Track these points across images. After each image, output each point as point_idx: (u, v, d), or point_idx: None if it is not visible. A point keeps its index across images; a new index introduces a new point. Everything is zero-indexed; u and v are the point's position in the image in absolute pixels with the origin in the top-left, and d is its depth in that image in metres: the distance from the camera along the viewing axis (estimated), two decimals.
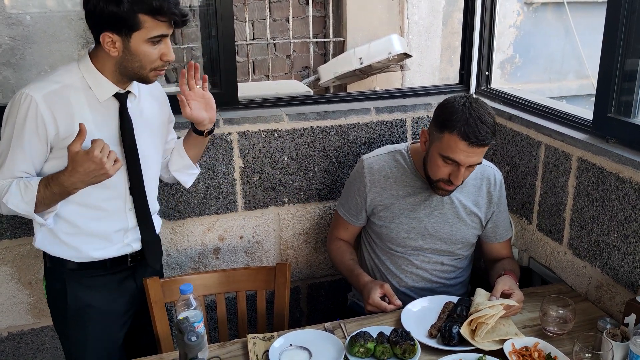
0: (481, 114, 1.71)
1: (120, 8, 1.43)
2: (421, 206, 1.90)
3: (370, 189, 1.93)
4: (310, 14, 4.91)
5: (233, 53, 2.20)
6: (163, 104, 1.81)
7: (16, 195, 1.52)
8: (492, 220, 1.96)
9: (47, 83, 1.53)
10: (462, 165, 1.72)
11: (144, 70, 1.54)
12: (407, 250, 1.95)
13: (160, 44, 1.53)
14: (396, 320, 1.75)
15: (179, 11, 1.51)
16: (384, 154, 1.96)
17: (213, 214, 2.25)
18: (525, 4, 5.20)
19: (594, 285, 1.85)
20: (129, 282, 1.78)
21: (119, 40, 1.49)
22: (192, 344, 1.35)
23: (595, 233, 1.82)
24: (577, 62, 5.47)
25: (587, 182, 1.83)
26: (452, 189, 1.82)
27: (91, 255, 1.68)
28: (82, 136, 1.44)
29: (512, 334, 1.63)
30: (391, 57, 4.43)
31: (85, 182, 1.49)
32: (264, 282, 1.94)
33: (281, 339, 1.62)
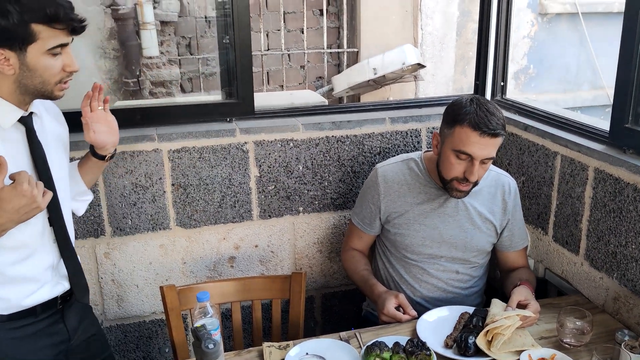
0: (489, 107, 1.75)
1: (8, 20, 1.29)
2: (435, 213, 1.91)
3: (384, 196, 1.94)
4: (325, 24, 4.95)
5: (250, 63, 2.23)
6: (59, 118, 1.65)
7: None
8: (508, 229, 1.96)
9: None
10: (476, 158, 1.73)
11: (48, 85, 1.40)
12: (422, 259, 1.95)
13: (61, 55, 1.39)
14: (412, 330, 1.75)
15: (76, 17, 1.38)
16: (397, 162, 1.98)
17: (229, 222, 2.27)
18: (539, 15, 5.20)
19: (612, 297, 1.84)
20: (59, 325, 1.60)
21: (13, 56, 1.34)
22: (209, 352, 1.35)
23: (613, 244, 1.81)
24: (591, 73, 5.45)
25: (604, 193, 1.82)
26: (467, 189, 1.82)
27: (21, 303, 1.50)
28: (4, 171, 1.29)
29: (529, 345, 1.62)
30: (405, 67, 4.45)
31: (15, 221, 1.33)
32: (279, 290, 1.95)
33: (297, 347, 1.63)
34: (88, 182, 1.75)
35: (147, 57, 4.34)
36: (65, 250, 1.55)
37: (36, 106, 1.50)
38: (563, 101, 5.30)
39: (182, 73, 4.67)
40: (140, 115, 2.19)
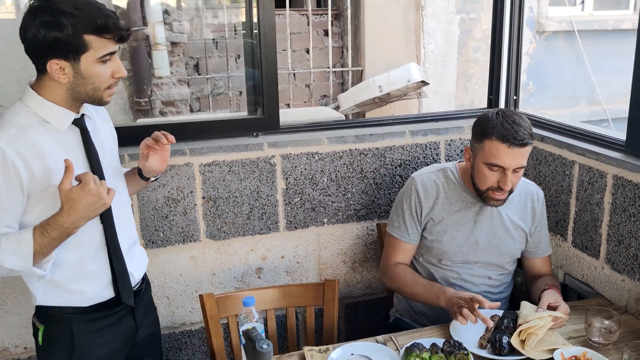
0: (515, 119, 1.83)
1: (63, 32, 1.37)
2: (472, 220, 1.98)
3: (424, 203, 2.00)
4: (330, 44, 5.07)
5: (275, 80, 2.31)
6: (109, 121, 1.75)
7: (10, 252, 1.42)
8: (535, 236, 2.04)
9: (3, 130, 1.42)
10: (507, 169, 1.82)
11: (99, 91, 1.49)
12: (457, 264, 2.02)
13: (110, 62, 1.48)
14: (443, 333, 1.81)
15: (123, 26, 1.47)
16: (433, 171, 2.05)
17: (256, 234, 2.33)
18: (537, 33, 5.37)
19: (634, 298, 1.91)
20: (129, 318, 1.71)
21: (67, 66, 1.42)
22: (264, 352, 1.41)
23: (634, 247, 1.89)
24: (588, 89, 5.61)
25: (623, 199, 1.91)
26: (503, 197, 1.89)
27: (96, 297, 1.62)
28: (71, 172, 1.38)
29: (560, 344, 1.69)
30: (410, 84, 4.56)
31: (85, 218, 1.43)
32: (312, 298, 2.01)
33: (339, 349, 1.69)
34: (129, 192, 1.82)
35: (158, 77, 4.42)
36: (114, 253, 1.62)
37: (86, 108, 1.59)
38: (562, 117, 5.43)
39: (191, 93, 4.76)
40: (171, 130, 2.25)
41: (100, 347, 1.64)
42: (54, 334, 1.61)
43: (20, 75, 4.18)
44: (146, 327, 1.78)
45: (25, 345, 2.20)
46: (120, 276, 1.64)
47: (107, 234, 1.60)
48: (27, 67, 4.25)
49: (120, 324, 1.68)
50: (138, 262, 1.75)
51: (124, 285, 1.65)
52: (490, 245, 1.99)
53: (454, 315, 1.77)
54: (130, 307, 1.69)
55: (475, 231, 1.98)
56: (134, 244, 1.75)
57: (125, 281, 1.65)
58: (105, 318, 1.64)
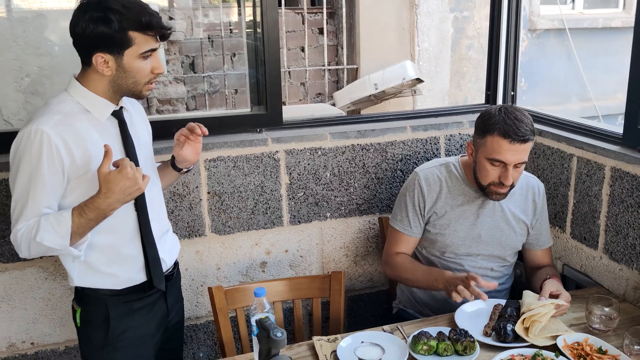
0: (517, 115, 1.88)
1: (110, 27, 1.47)
2: (474, 214, 2.03)
3: (428, 198, 2.05)
4: (325, 43, 5.11)
5: (279, 77, 2.34)
6: (144, 117, 1.84)
7: (49, 231, 1.49)
8: (536, 228, 2.09)
9: (49, 116, 1.52)
10: (509, 164, 1.86)
11: (139, 85, 1.58)
12: (460, 256, 2.06)
13: (150, 58, 1.57)
14: (449, 322, 1.86)
15: (165, 25, 1.57)
16: (436, 166, 2.10)
17: (261, 228, 2.36)
18: (529, 31, 5.44)
19: (632, 287, 1.97)
20: (161, 302, 1.79)
21: (111, 59, 1.52)
22: (278, 339, 1.43)
23: (632, 237, 1.95)
24: (579, 86, 5.69)
25: (621, 190, 1.97)
26: (505, 191, 1.94)
27: (129, 280, 1.70)
28: (110, 157, 1.46)
29: (563, 331, 1.74)
30: (405, 82, 4.61)
31: (121, 201, 1.50)
32: (319, 290, 2.05)
33: (348, 338, 1.72)
34: (162, 185, 1.90)
35: None
36: (146, 239, 1.70)
37: (124, 102, 1.68)
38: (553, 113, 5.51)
39: (187, 91, 4.77)
40: (176, 127, 2.27)
41: (134, 328, 1.72)
42: (90, 315, 1.71)
43: (17, 74, 4.18)
44: (175, 313, 1.87)
45: (32, 340, 2.21)
46: (153, 261, 1.71)
47: (140, 221, 1.68)
48: (23, 66, 4.23)
49: (153, 308, 1.77)
50: (170, 249, 1.82)
51: (156, 270, 1.73)
52: (492, 238, 2.03)
53: (450, 293, 1.80)
54: (162, 292, 1.77)
55: (478, 224, 2.03)
56: (167, 231, 1.83)
57: (157, 266, 1.73)
58: (138, 300, 1.73)
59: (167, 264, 1.78)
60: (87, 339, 1.74)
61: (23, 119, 4.26)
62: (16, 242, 1.54)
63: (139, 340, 1.75)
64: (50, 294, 2.18)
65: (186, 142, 1.77)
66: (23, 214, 1.52)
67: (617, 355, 1.63)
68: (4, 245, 2.07)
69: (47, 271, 2.15)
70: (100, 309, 1.69)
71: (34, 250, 1.54)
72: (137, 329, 1.73)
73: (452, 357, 1.65)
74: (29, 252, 1.54)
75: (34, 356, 2.22)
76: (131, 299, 1.72)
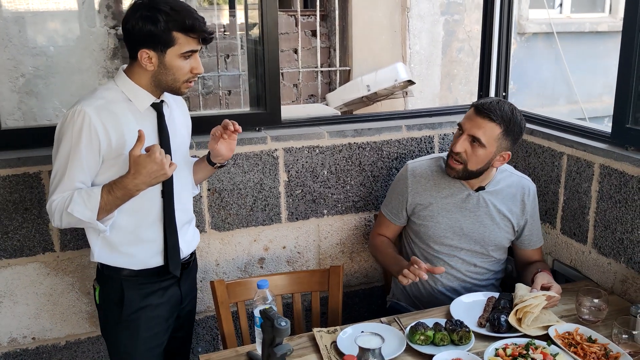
0: (505, 102, 2.01)
1: (157, 27, 1.59)
2: (458, 207, 2.10)
3: (412, 189, 2.13)
4: (318, 45, 5.17)
5: (278, 77, 2.40)
6: (186, 115, 1.95)
7: (80, 204, 1.61)
8: (528, 229, 2.15)
9: (93, 100, 1.65)
10: (464, 131, 1.97)
11: (177, 82, 1.69)
12: (443, 250, 2.13)
13: (190, 59, 1.67)
14: (445, 314, 1.92)
15: (208, 29, 1.67)
16: (427, 159, 2.18)
17: (259, 225, 2.41)
18: (518, 34, 5.54)
19: (620, 280, 2.04)
20: (175, 288, 1.88)
21: (155, 56, 1.64)
22: (282, 328, 1.48)
23: (619, 231, 2.02)
24: (566, 88, 5.80)
25: (609, 186, 2.04)
26: (455, 167, 2.01)
27: (146, 262, 1.80)
28: (142, 141, 1.57)
29: (554, 321, 1.81)
30: (397, 84, 4.68)
31: (146, 183, 1.60)
32: (318, 283, 2.10)
33: (348, 329, 1.78)
34: (197, 179, 1.99)
35: None
36: (169, 226, 1.79)
37: (167, 98, 1.78)
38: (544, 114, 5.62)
39: None
40: None
41: (148, 309, 1.82)
42: (107, 294, 1.82)
43: (12, 74, 4.19)
44: (188, 302, 1.97)
45: (33, 335, 2.24)
46: (171, 248, 1.80)
47: (165, 208, 1.77)
48: (18, 66, 4.21)
49: (167, 292, 1.85)
50: (190, 240, 1.91)
51: (174, 257, 1.81)
52: (474, 232, 2.10)
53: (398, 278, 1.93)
54: (177, 278, 1.86)
55: (461, 218, 2.09)
56: (189, 222, 1.91)
57: (175, 253, 1.81)
58: (153, 284, 1.82)
59: (184, 252, 1.86)
60: (105, 316, 1.86)
61: (18, 119, 4.26)
62: (50, 211, 1.66)
63: (153, 320, 1.83)
64: (52, 290, 2.21)
65: (220, 138, 1.84)
66: (59, 186, 1.64)
67: (606, 344, 1.69)
68: (7, 240, 2.11)
69: (49, 267, 2.19)
70: (116, 288, 1.79)
71: (65, 220, 1.65)
72: (151, 310, 1.82)
73: (448, 346, 1.71)
74: (60, 221, 1.66)
75: (35, 351, 2.25)
76: (146, 282, 1.81)
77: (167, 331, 1.90)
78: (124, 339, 1.83)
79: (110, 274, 1.80)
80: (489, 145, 1.95)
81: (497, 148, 1.97)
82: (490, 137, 1.95)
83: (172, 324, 1.90)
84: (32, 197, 2.10)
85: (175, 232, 1.81)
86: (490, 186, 2.09)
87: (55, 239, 2.17)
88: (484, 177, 2.06)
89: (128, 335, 1.82)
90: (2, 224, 2.09)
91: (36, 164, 2.08)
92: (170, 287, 1.86)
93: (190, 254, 1.92)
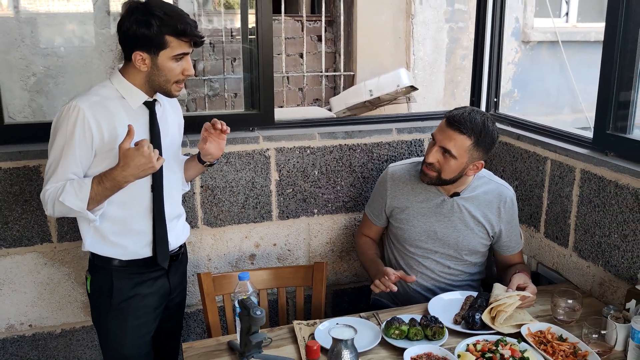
0: (477, 112, 2.03)
1: (150, 30, 1.68)
2: (433, 212, 2.15)
3: (390, 192, 2.19)
4: (323, 50, 5.25)
5: (271, 79, 2.47)
6: (180, 114, 2.03)
7: (71, 194, 1.69)
8: (506, 235, 2.18)
9: (88, 96, 1.74)
10: (436, 142, 2.02)
11: (169, 83, 1.77)
12: (419, 252, 2.19)
13: (182, 61, 1.76)
14: (423, 311, 1.97)
15: (199, 33, 1.76)
16: (407, 164, 2.23)
17: (251, 222, 2.48)
18: (522, 42, 5.57)
19: (597, 282, 2.08)
20: (163, 279, 1.94)
21: (148, 58, 1.72)
22: (257, 317, 1.55)
23: (598, 235, 2.06)
24: (571, 97, 5.81)
25: (589, 191, 2.09)
26: (428, 173, 2.05)
27: (136, 253, 1.87)
28: (132, 135, 1.66)
29: (528, 320, 1.85)
30: (399, 89, 4.74)
31: (134, 176, 1.68)
32: (302, 279, 2.16)
33: (325, 323, 1.84)
34: (188, 176, 2.08)
35: None
36: (158, 219, 1.87)
37: (161, 98, 1.87)
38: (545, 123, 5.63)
39: (188, 93, 4.90)
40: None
41: (137, 299, 1.89)
42: (98, 283, 1.90)
43: (23, 73, 4.31)
44: (177, 294, 2.04)
45: (30, 322, 2.33)
46: (159, 240, 1.87)
47: (155, 202, 1.85)
48: (30, 65, 4.33)
49: (155, 282, 1.92)
50: (179, 234, 1.98)
51: (162, 250, 1.88)
52: (448, 237, 2.15)
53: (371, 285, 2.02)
54: (166, 270, 1.93)
55: (435, 222, 2.15)
56: (178, 217, 1.99)
57: (163, 246, 1.89)
58: (142, 274, 1.90)
59: (172, 245, 1.93)
60: (95, 305, 1.94)
61: (27, 117, 4.40)
62: (44, 200, 1.75)
63: (142, 309, 1.90)
64: (49, 279, 2.30)
65: (209, 138, 1.91)
66: (53, 176, 1.73)
67: (575, 343, 1.74)
68: (7, 230, 2.20)
69: (46, 257, 2.27)
70: (106, 278, 1.87)
71: (57, 209, 1.73)
72: (140, 299, 1.89)
73: (421, 341, 1.77)
74: (53, 210, 1.74)
75: (32, 338, 2.34)
76: (135, 272, 1.88)
77: (156, 320, 1.97)
78: (114, 327, 1.91)
79: (101, 264, 1.88)
80: (460, 157, 2.00)
81: (469, 158, 2.02)
82: (461, 149, 1.99)
83: (160, 313, 1.97)
84: (31, 189, 2.19)
85: (164, 225, 1.88)
86: (465, 192, 2.14)
87: (53, 230, 2.26)
88: (459, 184, 2.11)
89: (117, 324, 1.90)
90: (2, 214, 2.18)
91: (36, 158, 2.17)
92: (159, 278, 1.93)
93: (179, 247, 1.99)
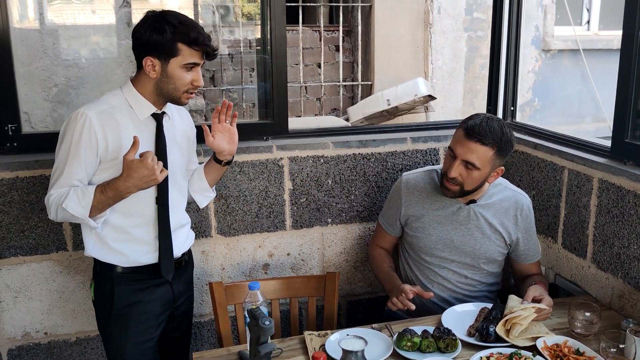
0: (493, 119, 1.98)
1: (163, 36, 1.70)
2: (449, 219, 2.12)
3: (405, 201, 2.17)
4: (341, 59, 5.25)
5: (285, 88, 2.48)
6: (190, 127, 2.03)
7: (74, 201, 1.71)
8: (523, 243, 2.14)
9: (98, 104, 1.77)
10: (457, 157, 1.97)
11: (178, 92, 1.78)
12: (435, 261, 2.15)
13: (192, 71, 1.77)
14: (436, 322, 1.94)
15: (211, 45, 1.78)
16: (421, 172, 2.21)
17: (264, 231, 2.48)
18: (542, 51, 5.50)
19: (617, 295, 2.03)
20: (166, 287, 1.94)
21: (158, 64, 1.74)
22: (266, 327, 1.54)
23: (617, 246, 2.01)
24: (594, 106, 5.72)
25: (607, 201, 2.04)
26: (452, 189, 2.01)
27: (137, 261, 1.88)
28: (136, 147, 1.66)
29: (544, 333, 1.81)
30: (417, 99, 4.71)
31: (137, 187, 1.69)
32: (314, 289, 2.15)
33: (336, 334, 1.82)
34: (210, 181, 2.07)
35: None
36: (162, 229, 1.87)
37: (169, 108, 1.89)
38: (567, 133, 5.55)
39: (207, 103, 4.94)
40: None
41: (139, 305, 1.89)
42: (101, 290, 1.92)
43: (45, 84, 4.40)
44: (183, 302, 2.03)
45: (45, 330, 2.35)
46: (164, 252, 1.88)
47: (159, 213, 1.86)
48: (52, 76, 4.40)
49: (158, 289, 1.92)
50: (181, 243, 1.98)
51: (166, 262, 1.90)
52: (465, 245, 2.11)
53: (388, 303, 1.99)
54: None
55: (451, 230, 2.11)
56: (182, 226, 1.99)
57: (168, 257, 1.90)
58: (144, 281, 1.90)
59: (175, 254, 1.93)
60: (98, 311, 1.95)
61: (49, 126, 4.48)
62: (48, 204, 1.77)
63: (143, 315, 1.90)
64: (64, 287, 2.32)
65: (217, 131, 1.92)
66: (58, 181, 1.75)
67: (593, 357, 1.69)
68: (23, 239, 2.23)
69: (61, 265, 2.30)
70: (108, 284, 1.89)
71: (60, 215, 1.75)
72: (142, 305, 1.90)
73: (434, 353, 1.74)
74: (56, 215, 1.76)
75: (47, 345, 2.36)
76: (137, 279, 1.89)
77: (158, 328, 1.96)
78: (116, 333, 1.91)
79: (103, 271, 1.90)
80: (484, 167, 1.97)
81: (492, 167, 1.99)
82: (484, 160, 1.96)
83: (163, 320, 1.96)
84: None
85: (169, 237, 1.89)
86: (482, 199, 2.11)
87: (68, 239, 2.28)
88: (477, 192, 2.08)
89: (118, 329, 1.90)
90: (19, 222, 2.21)
91: (52, 167, 2.20)
92: (162, 285, 1.93)
93: (182, 254, 1.99)
